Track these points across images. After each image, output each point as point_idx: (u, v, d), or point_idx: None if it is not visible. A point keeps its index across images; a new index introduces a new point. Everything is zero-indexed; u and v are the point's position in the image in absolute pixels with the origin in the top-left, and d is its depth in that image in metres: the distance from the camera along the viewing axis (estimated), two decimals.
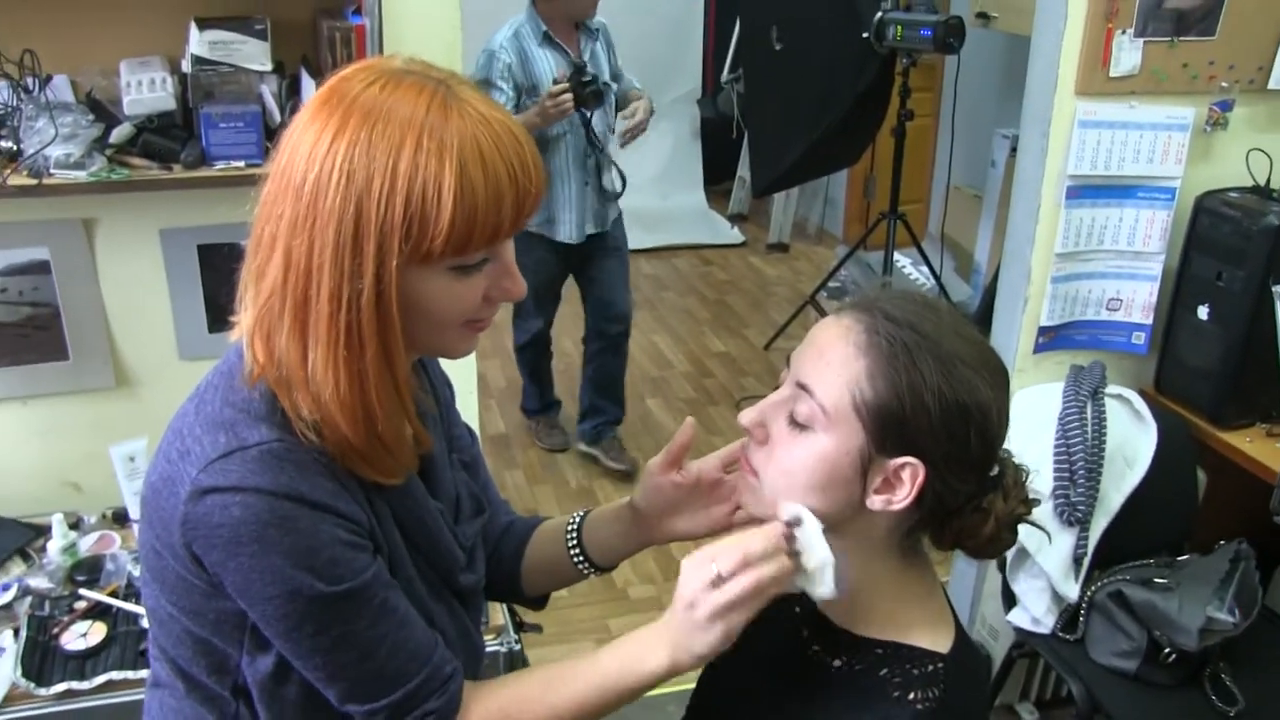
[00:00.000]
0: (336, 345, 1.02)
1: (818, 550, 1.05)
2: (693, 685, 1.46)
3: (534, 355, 4.37)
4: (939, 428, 1.06)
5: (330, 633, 1.07)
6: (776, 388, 1.15)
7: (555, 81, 3.60)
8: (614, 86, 3.96)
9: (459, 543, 1.27)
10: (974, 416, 1.06)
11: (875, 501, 1.09)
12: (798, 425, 1.10)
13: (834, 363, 1.08)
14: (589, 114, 3.74)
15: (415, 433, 1.14)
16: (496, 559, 1.45)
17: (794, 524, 1.06)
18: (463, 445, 1.39)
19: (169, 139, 1.97)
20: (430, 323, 1.07)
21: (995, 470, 1.13)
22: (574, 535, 1.41)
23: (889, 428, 1.06)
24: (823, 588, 1.06)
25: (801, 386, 1.10)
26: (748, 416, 1.15)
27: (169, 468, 1.08)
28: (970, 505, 1.11)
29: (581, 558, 1.41)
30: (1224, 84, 2.50)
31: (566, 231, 3.88)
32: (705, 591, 1.05)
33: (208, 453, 1.04)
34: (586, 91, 3.61)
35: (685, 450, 1.33)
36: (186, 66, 1.96)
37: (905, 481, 1.07)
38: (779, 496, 1.12)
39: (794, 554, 1.06)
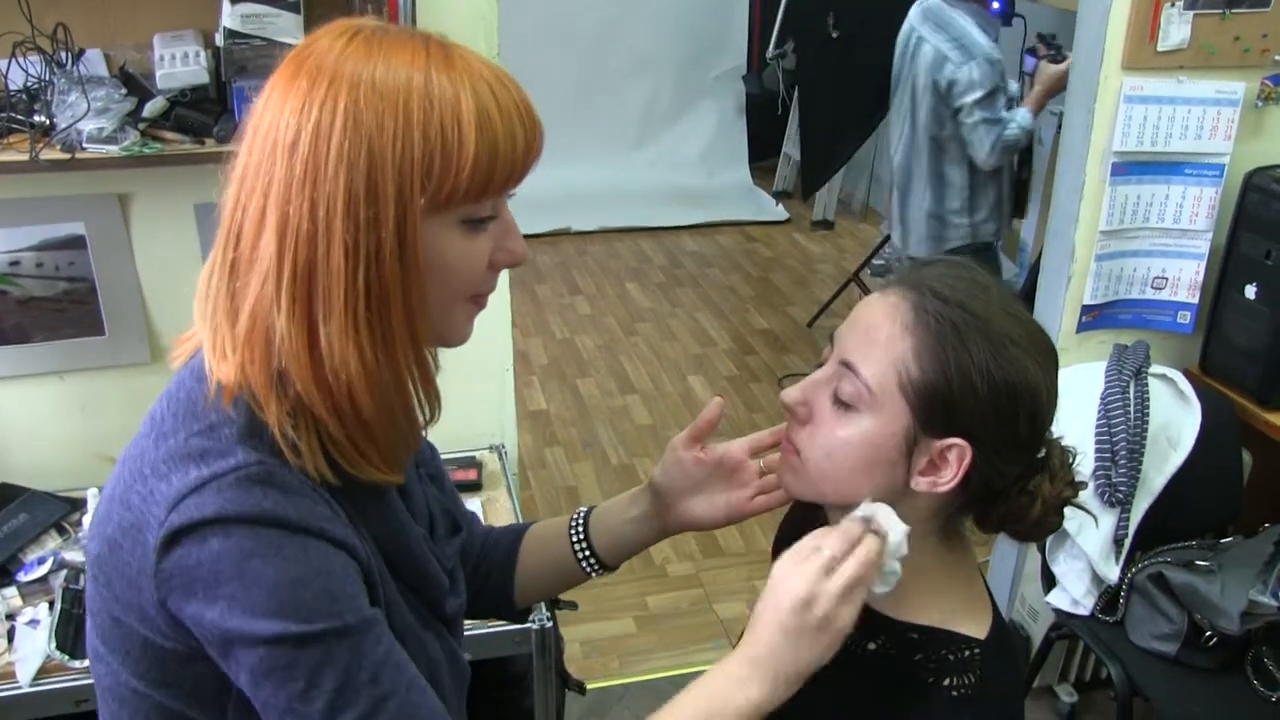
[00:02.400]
0: (356, 309, 0.91)
1: (896, 524, 1.02)
2: None
3: None
4: (987, 409, 1.03)
5: (324, 685, 0.91)
6: (819, 365, 1.13)
7: (1033, 52, 3.53)
8: None
9: (442, 566, 1.17)
10: (1023, 398, 1.04)
11: (920, 483, 1.07)
12: (842, 404, 1.08)
13: (880, 341, 1.06)
14: None
15: (430, 407, 1.04)
16: (484, 572, 1.36)
17: (868, 519, 1.03)
18: (425, 458, 1.28)
19: (202, 113, 1.98)
20: (445, 289, 0.97)
21: (1042, 452, 1.11)
22: (580, 532, 1.33)
23: (936, 408, 1.04)
24: (896, 563, 1.03)
25: (846, 365, 1.08)
26: (790, 395, 1.12)
27: (131, 515, 0.94)
28: (1017, 488, 1.09)
29: (589, 554, 1.32)
30: (1278, 57, 2.43)
31: None
32: (820, 581, 0.99)
33: (177, 489, 0.91)
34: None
35: (711, 428, 1.28)
36: (219, 40, 1.96)
37: (951, 463, 1.05)
38: (822, 477, 1.11)
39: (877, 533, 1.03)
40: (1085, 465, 2.32)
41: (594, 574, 1.34)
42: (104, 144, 1.90)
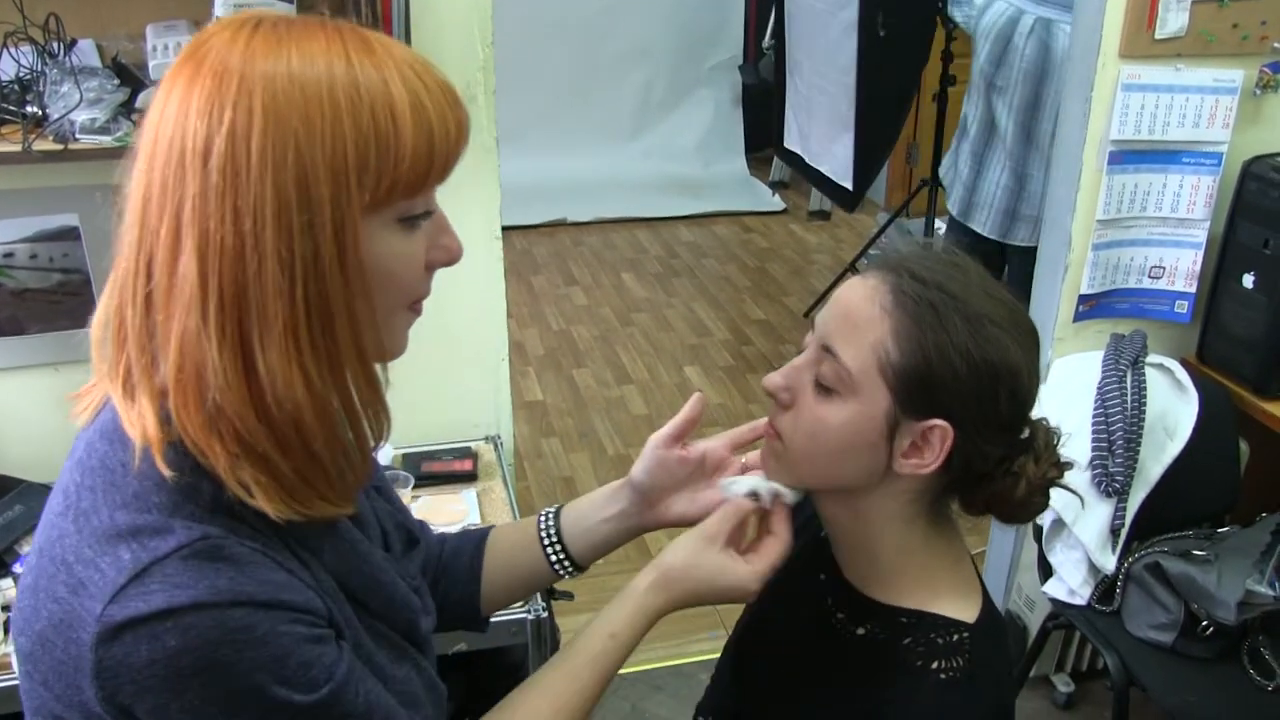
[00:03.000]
0: (297, 329, 0.83)
1: (779, 489, 1.16)
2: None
3: None
4: (967, 389, 1.03)
5: None
6: (801, 351, 1.13)
7: None
8: None
9: (409, 585, 1.10)
10: (1003, 377, 1.04)
11: (903, 465, 1.07)
12: (823, 388, 1.08)
13: (859, 324, 1.06)
14: None
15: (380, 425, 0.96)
16: (447, 583, 1.29)
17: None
18: None
19: None
20: (386, 296, 0.90)
21: (1026, 433, 1.11)
22: (551, 533, 1.28)
23: (916, 390, 1.04)
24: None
25: (826, 349, 1.08)
26: (772, 380, 1.13)
27: (59, 608, 0.84)
28: (1001, 469, 1.09)
29: (562, 555, 1.28)
30: (1277, 44, 2.42)
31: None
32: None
33: (112, 578, 0.81)
34: None
35: (692, 425, 1.25)
36: None
37: (934, 444, 1.05)
38: (805, 461, 1.11)
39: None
40: (1081, 454, 2.33)
41: (566, 576, 1.30)
42: (97, 134, 1.88)
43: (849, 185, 4.68)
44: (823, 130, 4.84)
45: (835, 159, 4.80)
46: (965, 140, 3.79)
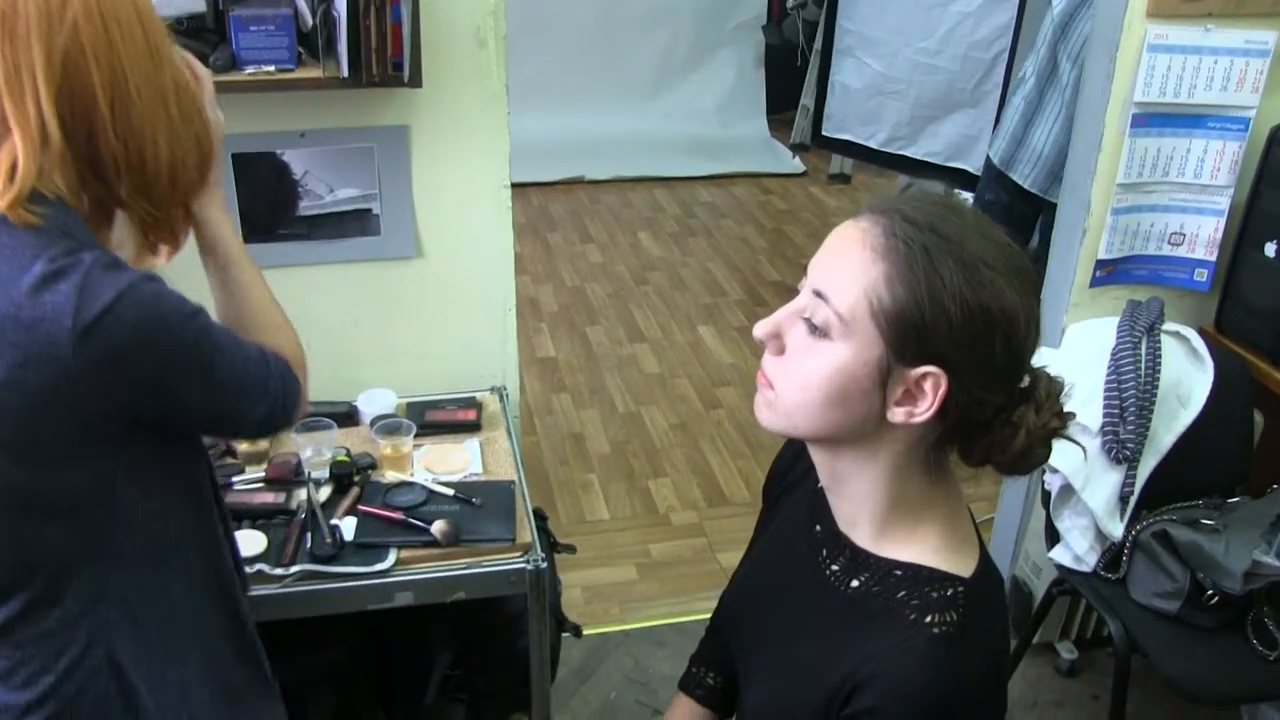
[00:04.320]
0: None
1: None
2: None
3: None
4: (961, 334, 1.00)
5: (223, 348, 1.21)
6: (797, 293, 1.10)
7: None
8: None
9: None
10: (999, 322, 1.01)
11: (896, 414, 1.05)
12: (814, 334, 1.05)
13: (850, 268, 1.03)
14: None
15: None
16: None
17: None
18: None
19: (199, 42, 1.94)
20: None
21: (1026, 382, 1.08)
22: None
23: (908, 335, 1.01)
24: None
25: (817, 294, 1.05)
26: (761, 328, 1.10)
27: (17, 353, 1.06)
28: (999, 418, 1.06)
29: None
30: None
31: None
32: None
33: (65, 299, 1.05)
34: None
35: None
36: None
37: (927, 392, 1.03)
38: (796, 409, 1.08)
39: None
40: (1093, 420, 2.31)
41: None
42: None
43: (968, 166, 4.61)
44: (914, 113, 4.74)
45: (937, 140, 4.73)
46: (1020, 89, 3.70)
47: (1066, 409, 1.08)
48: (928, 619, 1.06)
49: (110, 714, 1.23)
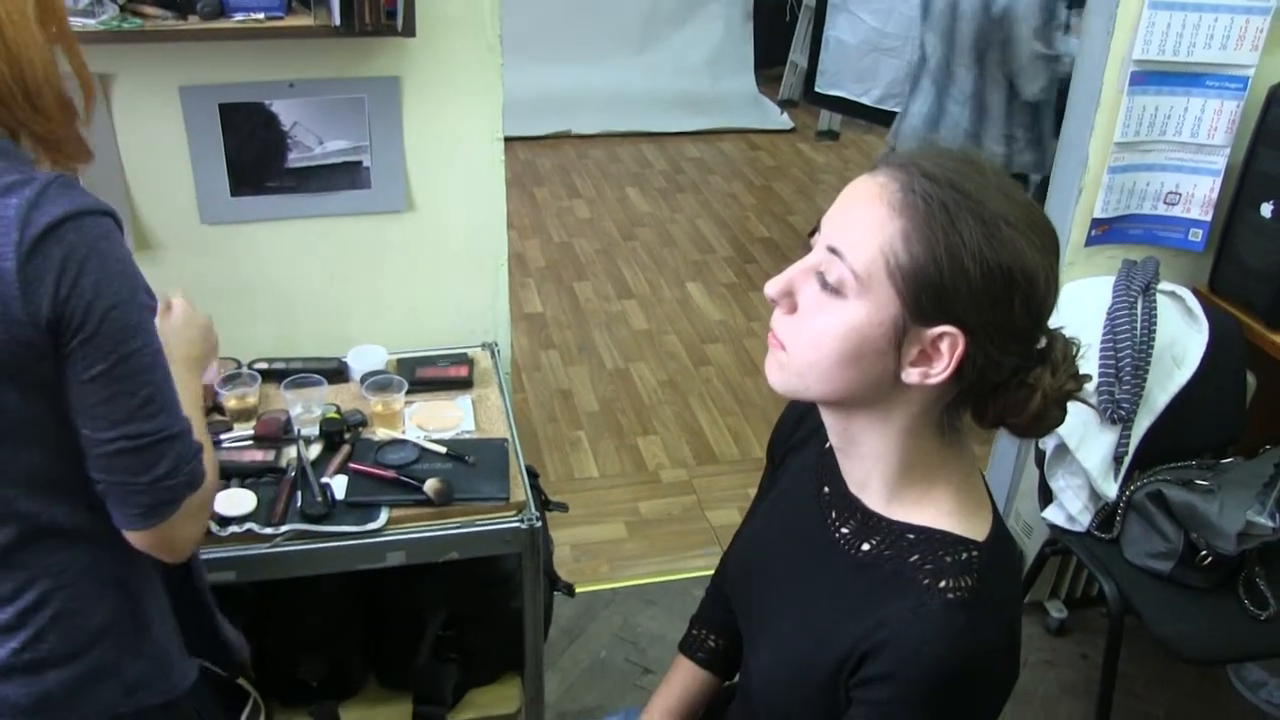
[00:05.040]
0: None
1: None
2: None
3: None
4: (980, 294, 0.98)
5: (153, 346, 1.17)
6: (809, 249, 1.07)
7: None
8: None
9: None
10: (1018, 282, 0.98)
11: (911, 375, 1.02)
12: (828, 292, 1.02)
13: (867, 224, 1.00)
14: None
15: None
16: None
17: None
18: None
19: None
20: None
21: (1043, 343, 1.05)
22: None
23: (925, 294, 0.98)
24: None
25: (832, 250, 1.02)
26: (773, 286, 1.07)
27: None
28: (1015, 380, 1.04)
29: None
30: None
31: None
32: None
33: (15, 213, 1.07)
34: None
35: None
36: None
37: (943, 353, 1.00)
38: (809, 369, 1.06)
39: None
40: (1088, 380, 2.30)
41: None
42: (80, 16, 1.80)
43: None
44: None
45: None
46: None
47: (1081, 371, 1.06)
48: (942, 584, 1.05)
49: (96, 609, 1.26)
